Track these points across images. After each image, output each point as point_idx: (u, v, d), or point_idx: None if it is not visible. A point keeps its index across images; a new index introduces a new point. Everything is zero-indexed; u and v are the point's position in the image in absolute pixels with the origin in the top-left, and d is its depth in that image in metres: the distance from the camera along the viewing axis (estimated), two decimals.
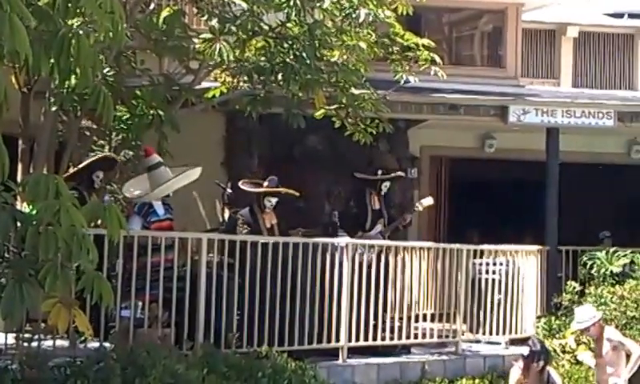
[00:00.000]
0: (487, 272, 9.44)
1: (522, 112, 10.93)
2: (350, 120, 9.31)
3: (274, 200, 8.33)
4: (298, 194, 8.57)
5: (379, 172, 9.90)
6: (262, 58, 8.51)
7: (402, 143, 12.12)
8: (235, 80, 8.96)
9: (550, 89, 12.68)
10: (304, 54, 8.27)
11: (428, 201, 10.08)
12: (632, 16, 14.36)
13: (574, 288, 10.18)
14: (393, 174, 10.06)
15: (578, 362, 9.18)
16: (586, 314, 7.89)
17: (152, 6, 8.57)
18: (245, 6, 7.83)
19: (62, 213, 4.21)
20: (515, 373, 7.39)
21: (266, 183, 8.45)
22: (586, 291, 10.03)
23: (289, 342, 7.53)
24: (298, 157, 11.35)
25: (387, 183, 9.72)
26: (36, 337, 6.27)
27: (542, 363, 7.29)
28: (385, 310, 8.37)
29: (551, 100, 11.24)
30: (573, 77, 13.59)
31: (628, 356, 7.65)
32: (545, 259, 10.44)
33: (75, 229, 4.27)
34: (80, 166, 8.06)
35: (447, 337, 9.00)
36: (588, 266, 10.39)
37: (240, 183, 8.53)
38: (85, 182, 7.92)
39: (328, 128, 9.56)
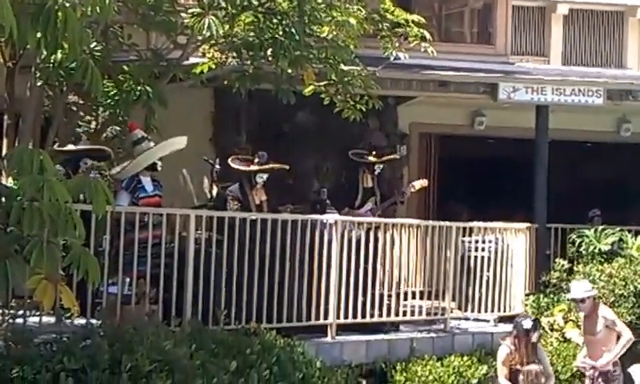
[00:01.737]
0: (476, 250, 9.44)
1: (511, 89, 10.89)
2: (339, 96, 9.25)
3: (264, 176, 8.30)
4: (288, 167, 8.54)
5: (373, 152, 9.92)
6: (251, 34, 8.41)
7: (392, 120, 12.08)
8: (224, 56, 8.87)
9: (540, 66, 12.63)
10: (293, 30, 8.18)
11: (421, 183, 10.11)
12: None
13: (563, 266, 10.20)
14: (388, 157, 10.07)
15: (566, 340, 9.22)
16: (582, 287, 7.90)
17: None
18: None
19: (45, 188, 4.16)
20: (504, 351, 7.41)
21: (256, 159, 8.41)
22: (575, 269, 10.05)
23: (277, 319, 7.51)
24: (287, 133, 11.29)
25: (381, 165, 9.78)
26: (21, 313, 6.22)
27: (538, 334, 7.37)
28: (374, 288, 8.35)
29: (541, 77, 11.20)
30: (563, 54, 13.52)
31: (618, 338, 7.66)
32: (534, 237, 10.45)
33: (60, 204, 4.21)
34: (73, 148, 7.99)
35: (436, 314, 9.00)
36: (577, 244, 10.41)
37: (229, 160, 8.48)
38: (71, 163, 7.85)
39: (317, 105, 9.49)
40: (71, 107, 8.87)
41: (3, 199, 4.35)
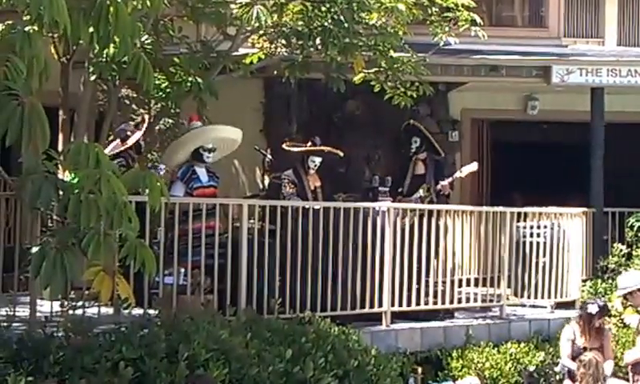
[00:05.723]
0: (531, 235, 9.30)
1: (565, 72, 10.71)
2: (389, 84, 9.20)
3: (317, 160, 8.29)
4: (341, 153, 8.53)
5: (417, 140, 9.85)
6: (300, 23, 8.42)
7: (443, 106, 11.98)
8: (273, 45, 8.89)
9: (595, 48, 12.38)
10: (342, 18, 8.17)
11: (471, 167, 9.90)
12: None
13: (621, 250, 10.01)
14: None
15: (625, 325, 9.04)
16: (628, 280, 7.71)
17: None
18: None
19: (102, 181, 4.21)
20: (568, 331, 7.30)
21: (309, 143, 8.42)
22: (634, 254, 9.86)
23: (331, 308, 7.50)
24: (338, 122, 11.27)
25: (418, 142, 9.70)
26: (80, 304, 6.32)
27: (602, 319, 7.26)
28: (428, 275, 8.30)
29: (596, 59, 10.99)
30: (618, 35, 13.21)
31: None
32: (590, 222, 10.27)
33: (116, 197, 4.27)
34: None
35: (491, 301, 8.91)
36: (635, 229, 10.20)
37: (283, 145, 8.50)
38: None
39: (367, 92, 9.46)
40: (124, 101, 8.99)
41: (61, 193, 4.42)
